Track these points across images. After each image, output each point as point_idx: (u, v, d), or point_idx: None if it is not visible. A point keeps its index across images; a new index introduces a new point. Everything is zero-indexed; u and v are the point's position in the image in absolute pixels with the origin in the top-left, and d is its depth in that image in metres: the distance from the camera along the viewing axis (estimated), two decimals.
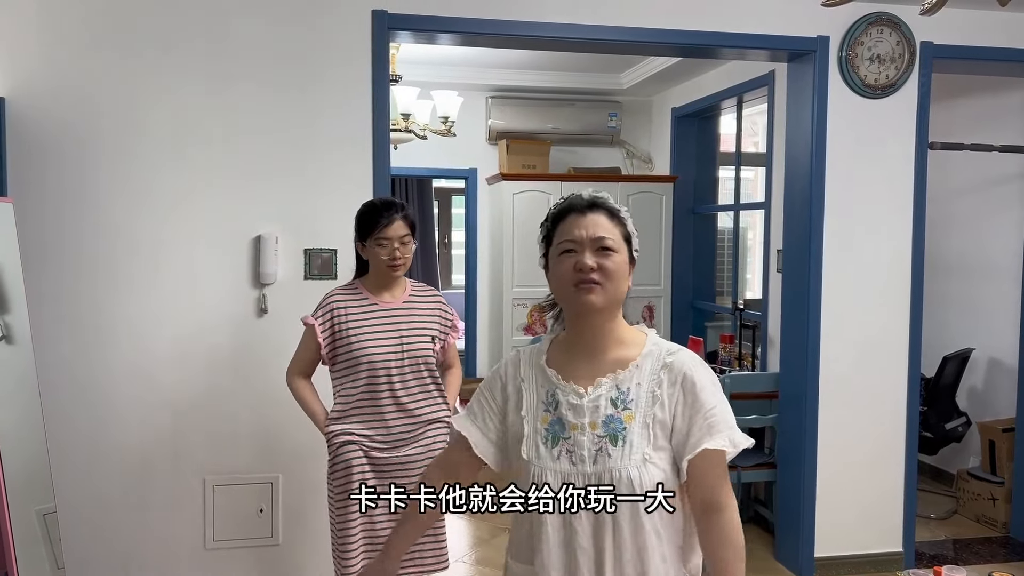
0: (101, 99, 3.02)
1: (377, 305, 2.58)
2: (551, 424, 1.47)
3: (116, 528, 3.09)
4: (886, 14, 3.56)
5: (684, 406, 1.43)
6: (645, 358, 1.47)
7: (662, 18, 3.41)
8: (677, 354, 1.48)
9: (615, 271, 1.45)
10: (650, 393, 1.44)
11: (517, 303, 5.43)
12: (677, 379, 1.44)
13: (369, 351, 2.52)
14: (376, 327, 2.55)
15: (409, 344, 2.56)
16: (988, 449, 4.49)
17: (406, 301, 2.62)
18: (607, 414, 1.44)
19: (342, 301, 2.57)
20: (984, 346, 4.75)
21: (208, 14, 3.07)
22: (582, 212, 1.49)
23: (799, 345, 3.71)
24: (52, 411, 2.90)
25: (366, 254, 2.59)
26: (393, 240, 2.52)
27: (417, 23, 3.23)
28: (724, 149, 5.89)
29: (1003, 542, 4.23)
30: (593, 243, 1.45)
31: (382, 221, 2.52)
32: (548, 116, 5.94)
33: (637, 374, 1.46)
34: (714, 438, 1.40)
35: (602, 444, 1.43)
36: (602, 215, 1.49)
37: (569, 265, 1.45)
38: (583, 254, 1.44)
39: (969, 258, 4.93)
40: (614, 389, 1.45)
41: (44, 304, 2.96)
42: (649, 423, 1.43)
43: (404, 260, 2.56)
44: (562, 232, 1.49)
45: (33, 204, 2.95)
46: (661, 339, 1.53)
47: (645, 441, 1.42)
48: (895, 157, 3.67)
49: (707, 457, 1.40)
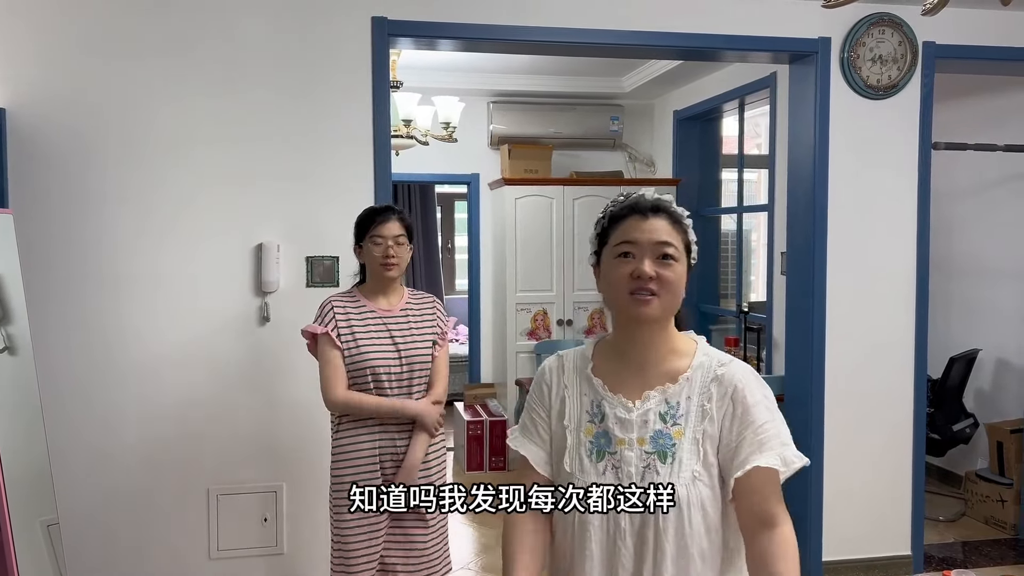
0: (101, 109, 3.01)
1: (375, 312, 2.57)
2: (596, 437, 1.40)
3: (119, 539, 3.08)
4: (888, 15, 3.54)
5: (734, 420, 1.35)
6: (696, 370, 1.39)
7: (663, 21, 3.40)
8: (728, 365, 1.40)
9: (674, 282, 1.36)
10: (700, 407, 1.37)
11: (520, 308, 5.42)
12: (727, 392, 1.36)
13: (372, 358, 2.50)
14: (376, 333, 2.54)
15: (407, 351, 2.54)
16: (996, 450, 4.46)
17: (403, 308, 2.61)
18: (656, 429, 1.37)
19: (341, 306, 2.55)
20: (991, 347, 4.73)
21: (208, 23, 3.07)
22: (644, 215, 1.39)
23: (804, 348, 3.69)
24: (54, 422, 2.90)
25: (363, 257, 2.59)
26: (387, 238, 2.52)
27: (417, 29, 3.22)
28: (726, 151, 5.88)
29: (1012, 544, 4.20)
30: (654, 249, 1.36)
31: (377, 219, 2.54)
32: (550, 120, 5.94)
33: (687, 387, 1.38)
34: (764, 455, 1.31)
35: (650, 461, 1.36)
36: (665, 220, 1.39)
37: (625, 271, 1.36)
38: (642, 261, 1.35)
39: (974, 258, 4.91)
40: (663, 403, 1.38)
41: (45, 315, 2.96)
42: (699, 439, 1.35)
43: (399, 260, 2.54)
44: (620, 233, 1.39)
45: (34, 214, 2.95)
46: (712, 349, 1.45)
47: (695, 458, 1.35)
48: (898, 158, 3.66)
49: (757, 475, 1.31)
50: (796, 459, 1.33)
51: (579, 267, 5.48)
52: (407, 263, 2.59)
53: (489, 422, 5.26)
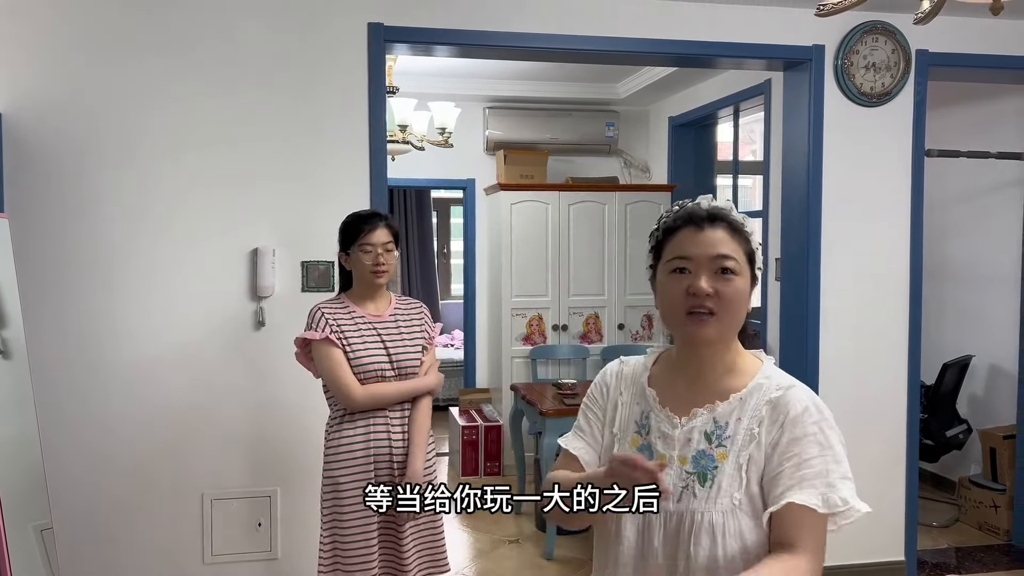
0: (97, 113, 3.02)
1: (365, 317, 2.57)
2: (640, 448, 1.33)
3: (114, 543, 3.07)
4: (881, 23, 3.57)
5: (780, 449, 1.24)
6: (752, 391, 1.29)
7: (658, 28, 3.42)
8: (788, 391, 1.28)
9: (734, 299, 1.26)
10: (748, 431, 1.27)
11: (516, 313, 5.42)
12: (779, 418, 1.26)
13: (367, 362, 2.51)
14: (368, 338, 2.54)
15: (397, 356, 2.55)
16: (989, 456, 4.48)
17: (392, 314, 2.61)
18: (699, 449, 1.28)
19: (332, 312, 2.54)
20: (984, 353, 4.75)
21: (205, 27, 3.08)
22: (699, 226, 1.29)
23: (798, 353, 3.71)
24: (49, 426, 2.89)
25: (350, 264, 2.58)
26: (377, 246, 2.52)
27: (413, 35, 3.23)
28: (721, 158, 5.90)
29: (1005, 550, 4.21)
30: (711, 263, 1.26)
31: (365, 228, 2.53)
32: (545, 126, 5.95)
33: (739, 408, 1.29)
34: (803, 492, 1.20)
35: (689, 482, 1.27)
36: (723, 230, 1.29)
37: (680, 287, 1.26)
38: (698, 276, 1.26)
39: (968, 265, 4.93)
40: (711, 422, 1.29)
41: (41, 318, 2.95)
42: (743, 464, 1.25)
43: (388, 267, 2.55)
44: (674, 247, 1.29)
45: (30, 218, 2.95)
46: (776, 370, 1.34)
47: (736, 484, 1.25)
48: (892, 164, 3.68)
49: (792, 512, 1.20)
50: (841, 504, 1.20)
51: (574, 272, 5.49)
52: (395, 268, 2.61)
53: (484, 427, 5.26)
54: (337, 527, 2.51)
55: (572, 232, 5.47)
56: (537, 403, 4.21)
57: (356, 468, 2.51)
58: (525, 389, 4.61)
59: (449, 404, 6.35)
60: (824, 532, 1.22)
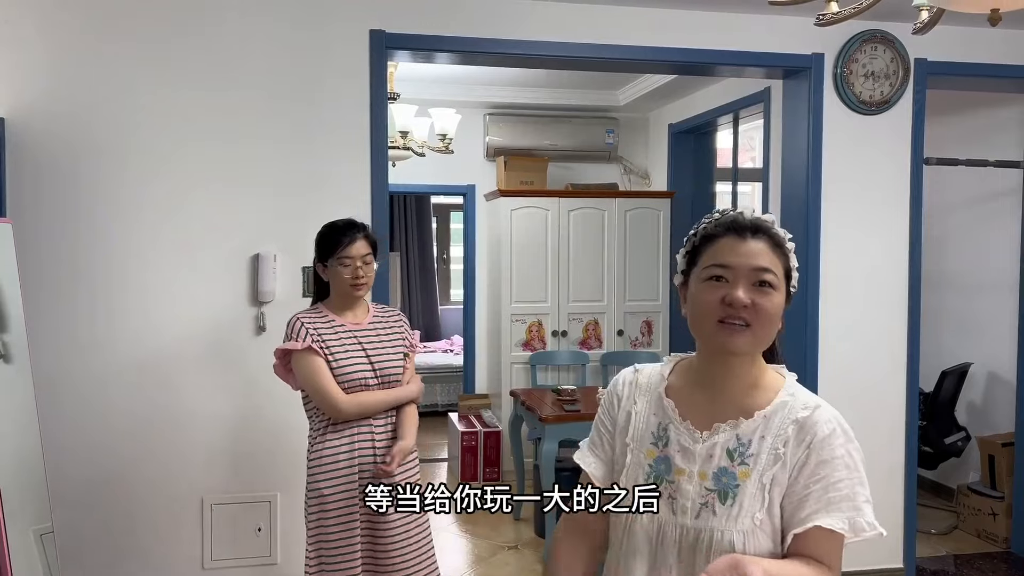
0: (101, 120, 3.03)
1: (345, 326, 2.52)
2: (656, 461, 1.30)
3: (114, 547, 3.08)
4: (880, 31, 3.59)
5: (806, 470, 1.22)
6: (776, 409, 1.27)
7: (658, 36, 3.44)
8: (815, 411, 1.26)
9: (770, 312, 1.23)
10: (773, 450, 1.24)
11: (515, 319, 5.43)
12: (806, 439, 1.23)
13: (350, 372, 2.46)
14: (349, 347, 2.49)
15: (379, 363, 2.51)
16: (988, 464, 4.48)
17: (371, 322, 2.57)
18: (720, 466, 1.25)
19: (311, 322, 2.49)
20: (982, 360, 4.76)
21: (207, 35, 3.09)
22: (742, 235, 1.25)
23: (796, 360, 3.71)
24: (50, 430, 2.90)
25: (328, 275, 2.54)
26: (355, 259, 2.47)
27: (415, 42, 3.25)
28: (721, 165, 5.91)
29: (1004, 557, 4.22)
30: (751, 275, 1.23)
31: (344, 240, 2.48)
32: (545, 133, 5.97)
33: (763, 426, 1.26)
34: (831, 515, 1.18)
35: (709, 499, 1.24)
36: (765, 242, 1.25)
37: (716, 296, 1.23)
38: (736, 286, 1.22)
39: (966, 273, 4.94)
40: (734, 439, 1.26)
41: (43, 323, 2.96)
42: (766, 484, 1.23)
43: (367, 279, 2.51)
44: (713, 254, 1.26)
45: (32, 223, 2.96)
46: (800, 388, 1.32)
47: (758, 504, 1.22)
48: (891, 173, 3.69)
49: (817, 536, 1.19)
50: (867, 528, 1.19)
51: (574, 279, 5.50)
52: (373, 277, 2.55)
53: (483, 433, 5.26)
54: (322, 538, 2.46)
55: (572, 238, 5.49)
56: (536, 409, 4.22)
57: (340, 478, 2.46)
58: (524, 395, 4.62)
59: (448, 410, 6.35)
60: (842, 551, 1.23)
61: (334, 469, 2.46)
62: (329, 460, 2.47)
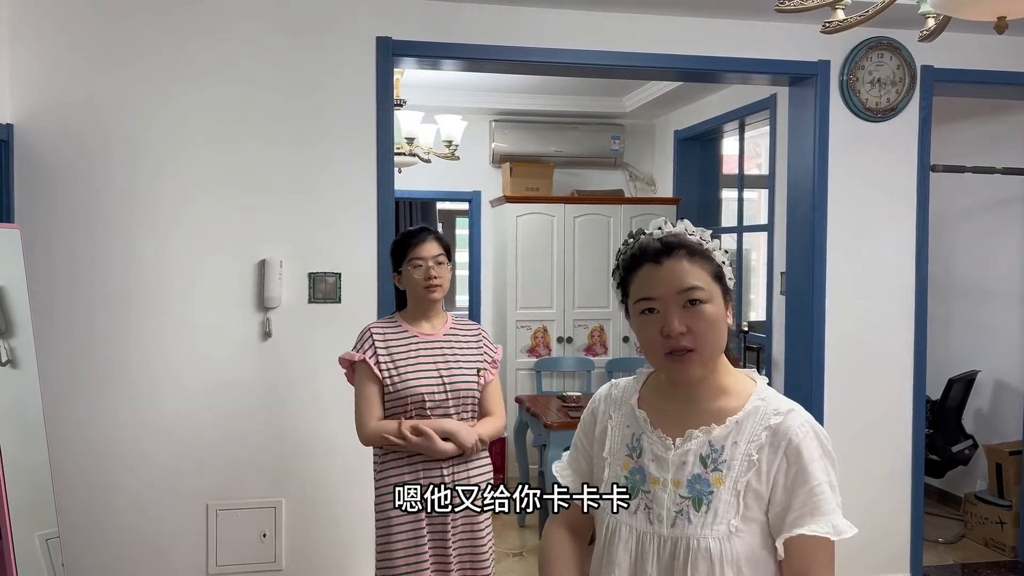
0: (108, 126, 3.04)
1: (418, 337, 2.46)
2: (632, 472, 1.31)
3: (119, 553, 3.08)
4: (886, 38, 3.59)
5: (786, 478, 1.22)
6: (749, 414, 1.26)
7: (664, 43, 3.44)
8: (787, 415, 1.25)
9: (709, 329, 1.23)
10: (747, 456, 1.23)
11: (521, 325, 5.43)
12: (782, 445, 1.23)
13: (413, 385, 2.38)
14: (419, 360, 2.42)
15: (450, 378, 2.41)
16: (995, 472, 4.46)
17: (447, 333, 2.50)
18: (694, 473, 1.25)
19: (381, 332, 2.45)
20: (990, 368, 4.74)
21: (214, 41, 3.10)
22: (657, 261, 1.25)
23: (803, 367, 3.70)
24: (56, 435, 2.91)
25: (403, 283, 2.50)
26: (427, 259, 2.44)
27: (421, 49, 3.26)
28: (727, 171, 5.91)
29: (1012, 566, 4.19)
30: (678, 298, 1.23)
31: (414, 242, 2.46)
32: (551, 139, 5.98)
33: (735, 431, 1.25)
34: (816, 521, 1.19)
35: (684, 506, 1.25)
36: (682, 258, 1.25)
37: (654, 329, 1.24)
38: (668, 316, 1.22)
39: (973, 280, 4.93)
40: (706, 445, 1.26)
41: (50, 328, 2.97)
42: (740, 491, 1.22)
43: (441, 282, 2.45)
44: (638, 286, 1.27)
45: (40, 229, 2.97)
46: (772, 392, 1.31)
47: (733, 511, 1.22)
48: (897, 180, 3.69)
49: (804, 542, 1.20)
50: (847, 529, 1.21)
51: (579, 285, 5.50)
52: (449, 284, 2.50)
53: None
54: (388, 565, 2.36)
55: (577, 245, 5.49)
56: (541, 415, 4.21)
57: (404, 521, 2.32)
58: (530, 401, 4.61)
59: None
60: (834, 557, 1.23)
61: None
62: (394, 480, 2.35)
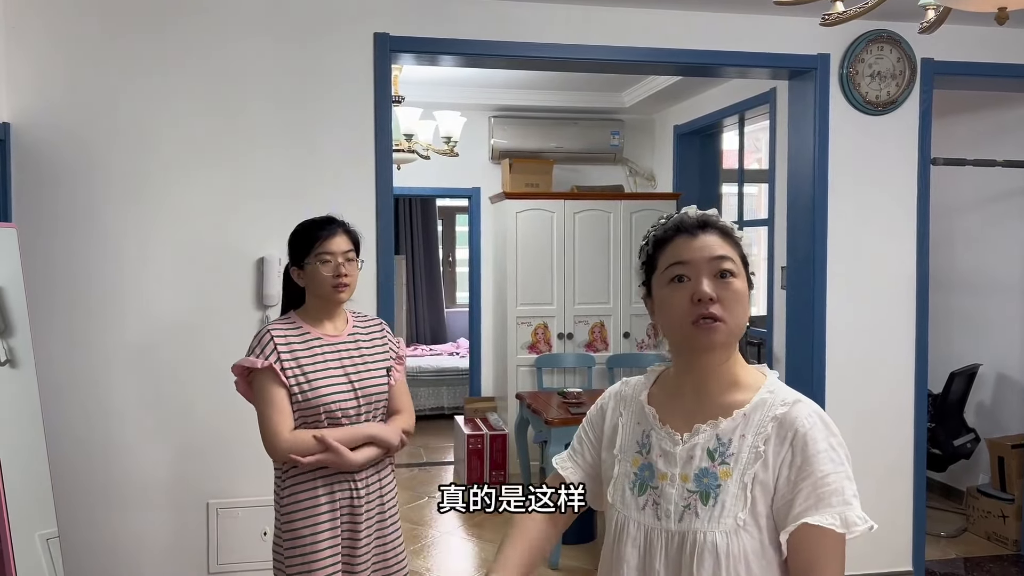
0: (104, 124, 3.03)
1: (322, 339, 2.20)
2: (641, 468, 1.31)
3: (119, 552, 3.07)
4: (886, 31, 3.57)
5: (791, 469, 1.20)
6: (756, 407, 1.25)
7: (663, 38, 3.43)
8: (794, 406, 1.23)
9: (737, 300, 1.23)
10: (754, 448, 1.22)
11: (521, 321, 5.42)
12: (788, 436, 1.21)
13: (325, 394, 2.13)
14: (327, 364, 2.17)
15: (361, 383, 2.19)
16: (997, 466, 4.45)
17: (351, 334, 2.25)
18: (701, 467, 1.24)
19: (282, 334, 2.17)
20: (991, 362, 4.73)
21: (211, 39, 3.09)
22: (692, 233, 1.26)
23: (804, 362, 3.69)
24: (55, 435, 2.90)
25: (304, 279, 2.20)
26: (337, 255, 2.17)
27: (419, 45, 3.25)
28: (727, 166, 5.90)
29: (1014, 560, 4.19)
30: (711, 266, 1.23)
31: (322, 235, 2.18)
32: (551, 135, 5.97)
33: (743, 424, 1.24)
34: (821, 512, 1.16)
35: (691, 500, 1.24)
36: (715, 234, 1.27)
37: (683, 296, 1.23)
38: (699, 281, 1.22)
39: (974, 273, 4.91)
40: (713, 439, 1.25)
41: (48, 327, 2.96)
42: (748, 483, 1.21)
43: (351, 281, 2.20)
44: (670, 255, 1.27)
45: (37, 228, 2.96)
46: (781, 385, 1.29)
47: (740, 504, 1.20)
48: (898, 173, 3.67)
49: (808, 533, 1.16)
50: (859, 522, 1.16)
51: (580, 281, 5.49)
52: (357, 280, 2.24)
53: (489, 436, 5.25)
54: None
55: (577, 241, 5.48)
56: (542, 412, 4.21)
57: (320, 519, 2.16)
58: (530, 398, 4.61)
59: (454, 413, 6.34)
60: (843, 551, 1.18)
61: (312, 508, 2.16)
62: (305, 499, 2.17)
